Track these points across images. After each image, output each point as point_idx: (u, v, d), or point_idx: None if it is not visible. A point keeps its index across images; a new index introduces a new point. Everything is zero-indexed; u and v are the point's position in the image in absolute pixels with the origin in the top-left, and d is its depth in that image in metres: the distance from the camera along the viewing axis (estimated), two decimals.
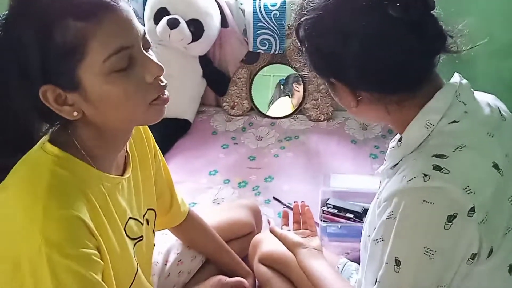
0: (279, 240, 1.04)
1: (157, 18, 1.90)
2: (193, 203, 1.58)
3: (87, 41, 0.63)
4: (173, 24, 1.84)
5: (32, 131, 0.74)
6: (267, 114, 2.16)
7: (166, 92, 0.73)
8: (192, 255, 1.15)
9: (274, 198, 1.61)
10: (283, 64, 2.14)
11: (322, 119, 2.09)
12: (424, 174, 0.64)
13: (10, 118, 0.71)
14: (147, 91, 0.70)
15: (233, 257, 1.19)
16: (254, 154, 1.89)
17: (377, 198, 0.74)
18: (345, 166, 1.76)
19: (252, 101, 2.17)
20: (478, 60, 1.54)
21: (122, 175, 0.82)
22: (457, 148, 0.66)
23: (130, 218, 0.83)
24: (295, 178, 1.71)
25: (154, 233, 0.97)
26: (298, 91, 2.16)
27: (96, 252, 0.68)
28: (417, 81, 0.70)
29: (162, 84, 0.72)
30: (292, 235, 1.03)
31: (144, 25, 1.73)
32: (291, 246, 1.01)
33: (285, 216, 1.12)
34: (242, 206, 1.33)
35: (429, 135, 0.69)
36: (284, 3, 1.99)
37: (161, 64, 0.71)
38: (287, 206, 1.52)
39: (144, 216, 0.90)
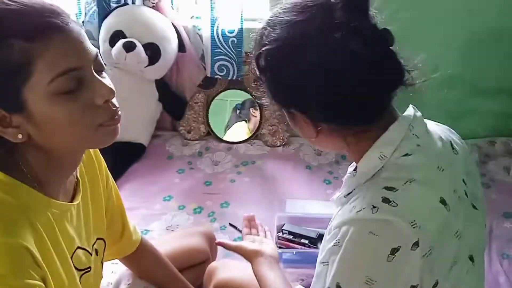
0: (234, 251, 1.03)
1: (112, 41, 1.88)
2: (146, 230, 1.54)
3: (32, 61, 0.61)
4: (129, 47, 1.82)
5: None
6: (224, 138, 2.16)
7: (119, 113, 0.71)
8: (144, 286, 1.10)
9: (230, 224, 1.59)
10: (240, 89, 2.16)
11: (278, 145, 2.11)
12: (372, 206, 0.65)
13: None
14: (96, 114, 0.67)
15: (187, 286, 1.15)
16: (210, 179, 1.87)
17: (329, 224, 0.75)
18: (300, 191, 1.78)
19: (209, 126, 2.17)
20: (425, 91, 1.62)
21: (71, 202, 0.78)
22: (407, 181, 0.67)
23: (78, 247, 0.79)
24: (251, 204, 1.71)
25: (102, 263, 0.92)
26: (255, 116, 2.18)
27: (41, 284, 0.64)
28: (376, 114, 0.72)
29: (113, 108, 0.70)
30: (247, 244, 1.01)
31: (98, 47, 1.71)
32: (248, 255, 0.99)
33: (246, 219, 1.12)
34: (196, 233, 1.30)
35: (382, 167, 0.71)
36: (241, 30, 2.02)
37: (112, 87, 0.69)
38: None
39: (93, 245, 0.86)
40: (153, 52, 1.90)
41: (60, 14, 0.64)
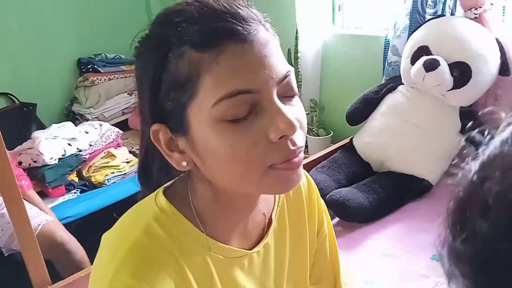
0: None
1: (415, 57, 1.63)
2: None
3: (200, 76, 0.49)
4: (430, 66, 1.53)
5: (172, 169, 0.65)
6: None
7: (301, 155, 0.53)
8: None
9: None
10: None
11: None
12: None
13: (154, 151, 0.64)
14: (266, 152, 0.51)
15: None
16: None
17: None
18: None
19: None
20: None
21: (256, 245, 0.65)
22: None
23: None
24: None
25: None
26: None
27: None
28: None
29: (293, 147, 0.51)
30: None
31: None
32: None
33: None
34: None
35: None
36: None
37: (294, 121, 0.50)
38: None
39: None
40: (462, 73, 1.54)
41: (244, 19, 0.50)
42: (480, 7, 1.59)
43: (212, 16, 0.49)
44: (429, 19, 1.70)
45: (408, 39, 1.76)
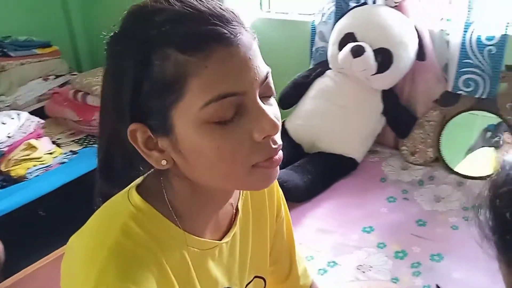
0: None
1: (342, 44, 1.73)
2: (333, 262, 1.34)
3: (187, 79, 0.50)
4: (357, 52, 1.63)
5: (136, 165, 0.64)
6: (455, 170, 1.75)
7: (280, 153, 0.56)
8: None
9: (438, 287, 1.24)
10: (489, 112, 1.70)
11: None
12: None
13: (116, 147, 0.62)
14: (251, 152, 0.53)
15: None
16: (426, 219, 1.52)
17: None
18: None
19: (439, 151, 1.79)
20: None
21: (224, 236, 0.67)
22: None
23: None
24: (474, 266, 1.29)
25: None
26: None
27: None
28: None
29: (274, 146, 0.54)
30: None
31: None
32: None
33: None
34: None
35: None
36: (504, 37, 1.57)
37: (276, 121, 0.53)
38: None
39: (247, 285, 0.74)
40: (384, 58, 1.66)
41: (229, 22, 0.51)
42: None
43: (198, 18, 0.49)
44: (353, 7, 1.79)
45: (334, 25, 1.84)
